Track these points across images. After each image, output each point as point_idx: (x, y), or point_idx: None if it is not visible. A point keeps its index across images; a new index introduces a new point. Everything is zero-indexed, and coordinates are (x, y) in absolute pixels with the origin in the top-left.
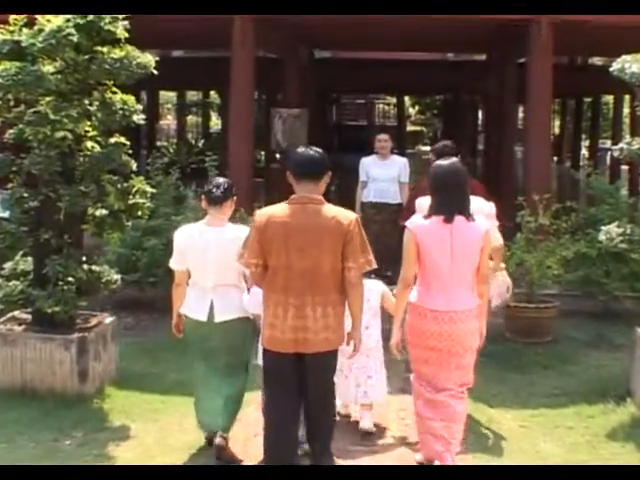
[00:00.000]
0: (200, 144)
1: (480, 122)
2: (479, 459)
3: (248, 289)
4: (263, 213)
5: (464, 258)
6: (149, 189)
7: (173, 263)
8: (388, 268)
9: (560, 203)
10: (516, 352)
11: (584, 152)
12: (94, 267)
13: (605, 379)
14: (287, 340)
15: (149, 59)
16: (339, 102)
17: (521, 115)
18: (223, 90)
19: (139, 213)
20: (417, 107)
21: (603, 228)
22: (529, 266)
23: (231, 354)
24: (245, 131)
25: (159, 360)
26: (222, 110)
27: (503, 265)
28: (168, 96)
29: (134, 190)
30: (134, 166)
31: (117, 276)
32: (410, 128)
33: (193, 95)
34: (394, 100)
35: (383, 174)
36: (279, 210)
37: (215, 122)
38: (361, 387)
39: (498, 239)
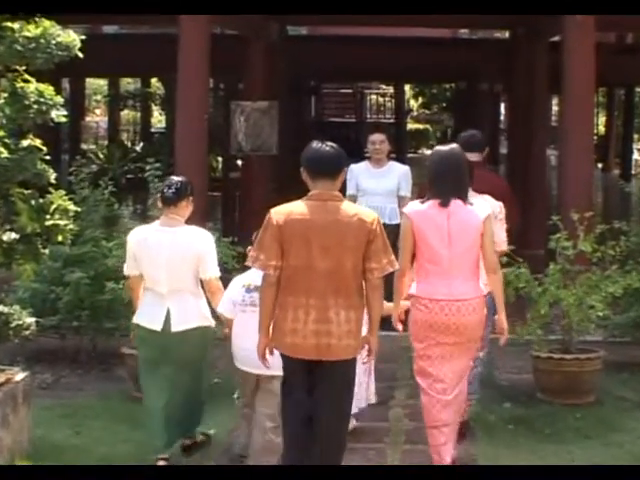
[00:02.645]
0: (138, 147)
1: (502, 119)
2: None
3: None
4: (280, 211)
5: (462, 243)
6: (72, 207)
7: (126, 268)
8: None
9: (606, 224)
10: (550, 416)
11: (637, 157)
12: (0, 308)
13: None
14: (309, 346)
15: (73, 38)
16: (319, 92)
17: (555, 109)
18: (168, 77)
19: (59, 238)
20: (420, 99)
21: None
22: (566, 306)
23: (187, 367)
24: (197, 131)
25: (84, 429)
26: (167, 103)
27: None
28: (97, 85)
29: (53, 208)
30: (53, 177)
31: (31, 319)
32: (412, 126)
33: (129, 84)
34: (391, 90)
35: (378, 186)
36: (298, 207)
37: (158, 119)
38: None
39: (503, 242)
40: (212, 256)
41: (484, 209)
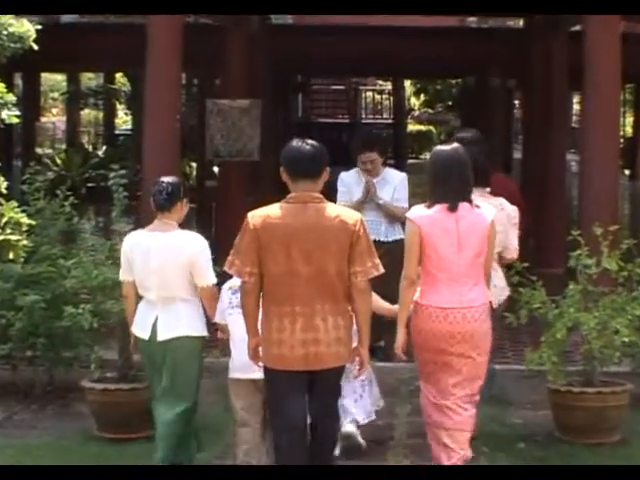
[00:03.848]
0: (101, 152)
1: (516, 119)
2: None
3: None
4: (256, 214)
5: (471, 248)
6: (25, 220)
7: (120, 273)
8: (382, 335)
9: (634, 238)
10: (571, 458)
11: None
12: None
13: None
14: (297, 357)
15: (27, 28)
16: (308, 89)
17: (576, 108)
18: (135, 72)
19: (11, 255)
20: (423, 97)
21: None
22: (586, 330)
23: (175, 379)
24: (168, 133)
25: None
26: (133, 102)
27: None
28: (54, 81)
29: (3, 221)
30: (4, 186)
31: None
32: (413, 127)
33: (91, 79)
34: (389, 86)
35: (371, 199)
36: (275, 210)
37: (123, 119)
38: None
39: (516, 249)
40: (206, 262)
41: (490, 211)
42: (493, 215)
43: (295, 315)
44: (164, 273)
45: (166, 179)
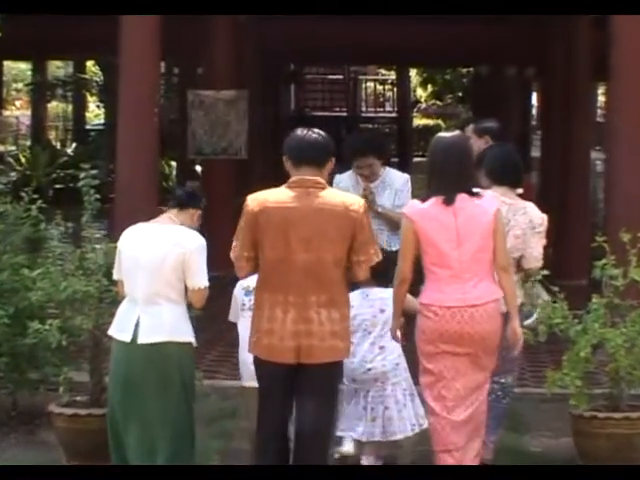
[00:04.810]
0: (70, 149)
1: (535, 113)
2: None
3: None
4: (255, 197)
5: (473, 242)
6: None
7: (114, 272)
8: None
9: None
10: None
11: None
12: None
13: None
14: (287, 348)
15: None
16: (301, 79)
17: (601, 101)
18: (108, 60)
19: None
20: (430, 87)
21: None
22: (613, 348)
23: (160, 395)
24: (144, 128)
25: None
26: (106, 93)
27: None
28: (18, 70)
29: None
30: None
31: None
32: (419, 122)
33: (59, 68)
34: (392, 76)
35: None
36: (276, 194)
37: (95, 113)
38: (377, 421)
39: (536, 259)
40: (201, 262)
41: (493, 202)
42: (497, 206)
43: (288, 305)
44: (153, 269)
45: (189, 185)
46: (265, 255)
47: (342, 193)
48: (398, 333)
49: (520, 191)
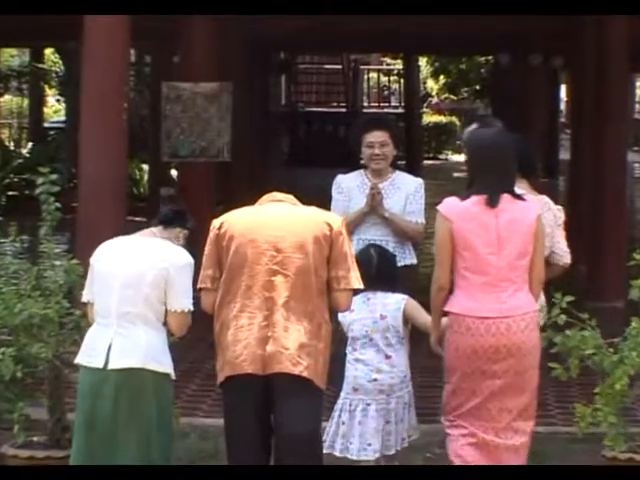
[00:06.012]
0: (26, 150)
1: (563, 109)
2: None
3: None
4: (219, 218)
5: (514, 247)
6: None
7: (84, 293)
8: None
9: None
10: None
11: None
12: None
13: None
14: (253, 357)
15: None
16: (293, 69)
17: (639, 94)
18: (70, 48)
19: None
20: (443, 79)
21: None
22: None
23: (132, 434)
24: (111, 126)
25: None
26: (68, 86)
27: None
28: None
29: None
30: None
31: None
32: (430, 118)
33: (13, 57)
34: (399, 65)
35: (377, 210)
36: (243, 210)
37: (55, 108)
38: (376, 437)
39: (567, 252)
40: (186, 282)
41: (536, 205)
42: (539, 209)
43: (254, 310)
44: (131, 282)
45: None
46: (228, 263)
47: (319, 210)
48: (437, 347)
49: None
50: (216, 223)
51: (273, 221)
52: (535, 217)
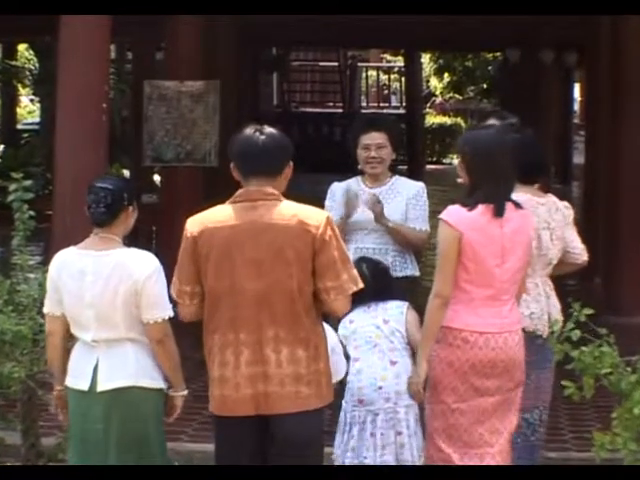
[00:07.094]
0: None
1: (577, 109)
2: None
3: None
4: (195, 220)
5: (517, 258)
6: None
7: (45, 305)
8: None
9: None
10: None
11: None
12: None
13: None
14: (243, 398)
15: None
16: (285, 67)
17: None
18: (45, 43)
19: None
20: (448, 77)
21: None
22: None
23: (124, 451)
24: (90, 128)
25: None
26: (42, 85)
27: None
28: None
29: None
30: None
31: None
32: (433, 119)
33: None
34: (400, 62)
35: (374, 218)
36: (218, 212)
37: (28, 109)
38: (389, 449)
39: (584, 248)
40: (158, 290)
41: (531, 214)
42: (534, 218)
43: (239, 345)
44: (103, 307)
45: (103, 183)
46: (209, 287)
47: (299, 205)
48: (419, 388)
49: (536, 185)
50: (193, 229)
51: (251, 238)
52: (533, 227)
